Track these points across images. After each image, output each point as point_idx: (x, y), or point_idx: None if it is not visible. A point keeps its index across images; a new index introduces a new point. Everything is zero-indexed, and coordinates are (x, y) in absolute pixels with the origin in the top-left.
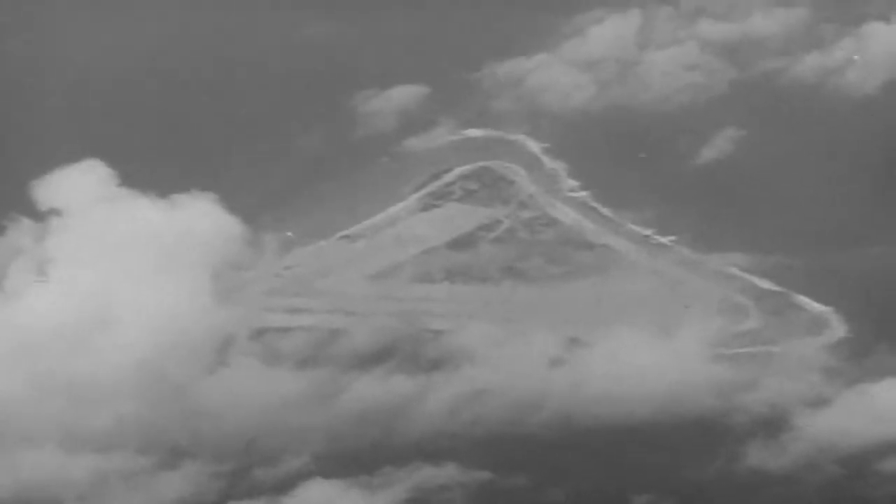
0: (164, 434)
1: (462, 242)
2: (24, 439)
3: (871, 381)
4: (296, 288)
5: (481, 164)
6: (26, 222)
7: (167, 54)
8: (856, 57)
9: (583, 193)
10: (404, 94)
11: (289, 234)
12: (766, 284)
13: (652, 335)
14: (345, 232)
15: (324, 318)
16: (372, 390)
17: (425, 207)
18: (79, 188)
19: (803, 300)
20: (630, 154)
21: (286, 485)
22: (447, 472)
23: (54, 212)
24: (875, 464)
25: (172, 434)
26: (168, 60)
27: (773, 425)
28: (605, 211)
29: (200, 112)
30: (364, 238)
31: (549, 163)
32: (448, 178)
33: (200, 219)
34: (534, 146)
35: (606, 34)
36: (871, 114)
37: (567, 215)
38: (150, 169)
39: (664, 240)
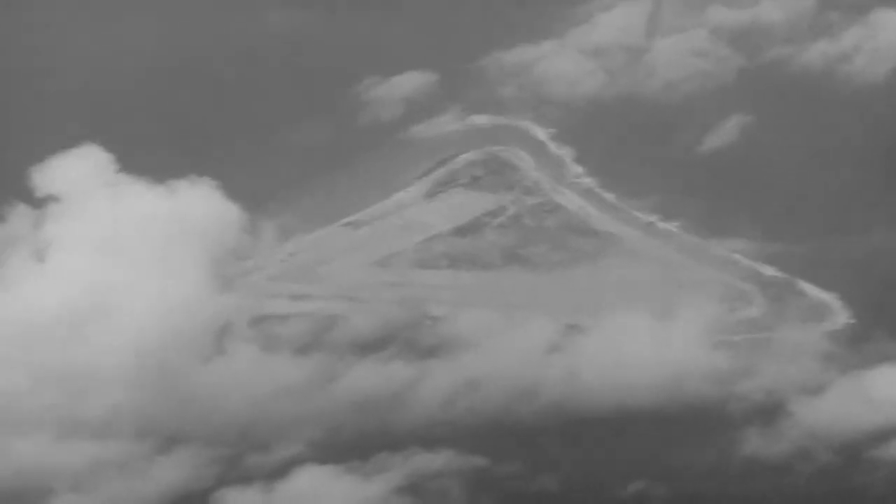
0: (161, 421)
1: (466, 229)
2: (19, 427)
3: (869, 367)
4: (299, 274)
5: (487, 150)
6: (24, 209)
7: (170, 41)
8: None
9: (588, 180)
10: (411, 81)
11: (288, 221)
12: (770, 271)
13: (651, 322)
14: (349, 219)
15: (325, 305)
16: (369, 377)
17: (430, 194)
18: (77, 174)
19: (807, 287)
20: (636, 141)
21: (280, 471)
22: (443, 459)
23: (52, 198)
24: (868, 451)
25: (169, 421)
26: (171, 47)
27: (769, 413)
28: (610, 197)
29: (203, 99)
30: (368, 225)
31: (555, 149)
32: (454, 164)
33: (199, 205)
34: (540, 133)
35: (615, 21)
36: (878, 101)
37: (572, 202)
38: (149, 155)
39: (668, 226)
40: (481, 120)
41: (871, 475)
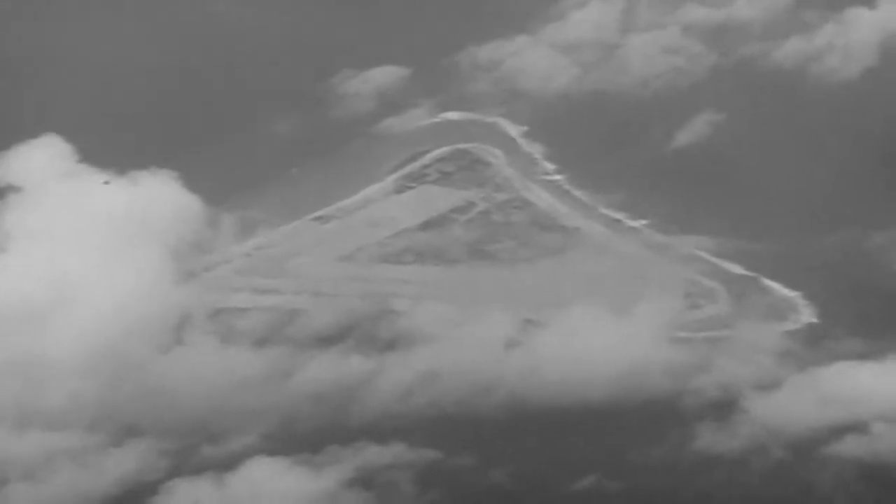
0: (117, 412)
1: (434, 224)
2: None
3: (825, 364)
4: (265, 268)
5: (459, 146)
6: None
7: (138, 32)
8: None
9: (558, 177)
10: (383, 76)
11: (254, 214)
12: (735, 269)
13: (609, 317)
14: (317, 213)
15: (289, 299)
16: (328, 370)
17: (400, 189)
18: (38, 164)
19: (772, 285)
20: (607, 137)
21: (231, 463)
22: (394, 452)
23: (12, 188)
24: (820, 448)
25: (125, 412)
26: (139, 38)
27: (723, 408)
28: (579, 194)
29: (174, 91)
30: (336, 219)
31: (526, 146)
32: (425, 160)
33: (160, 196)
34: (512, 129)
35: (589, 17)
36: (849, 100)
37: (541, 198)
38: (113, 146)
39: (635, 223)
40: (453, 115)
41: (823, 472)
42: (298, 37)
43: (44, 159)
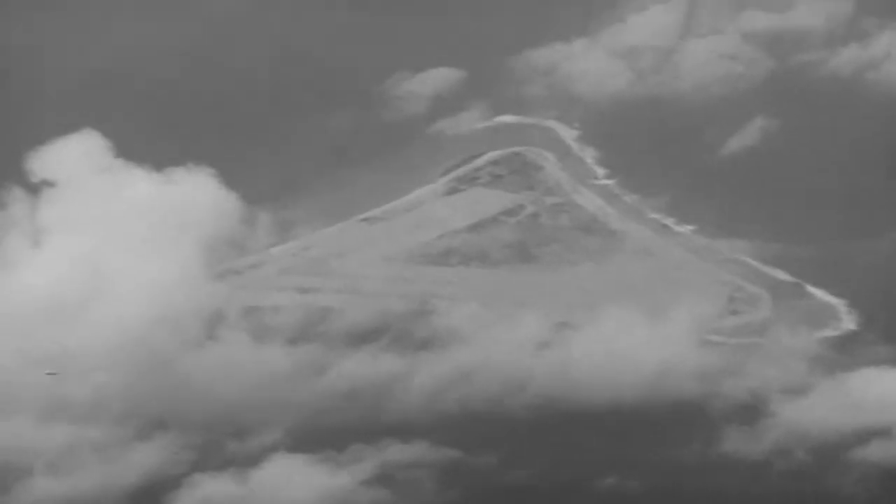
0: (145, 406)
1: (482, 226)
2: (4, 407)
3: (855, 370)
4: (311, 268)
5: (512, 149)
6: (21, 193)
7: (183, 29)
8: None
9: (609, 181)
10: (439, 78)
11: (299, 214)
12: (780, 274)
13: (643, 320)
14: (365, 214)
15: (328, 297)
16: (360, 368)
17: (451, 191)
18: (74, 159)
19: (815, 291)
20: (660, 143)
21: (255, 459)
22: (417, 450)
23: (49, 182)
24: (844, 453)
25: (154, 405)
26: (185, 35)
27: (751, 412)
28: (629, 199)
29: (231, 92)
30: (384, 220)
31: (578, 150)
32: (477, 162)
33: (196, 193)
34: (565, 133)
35: (648, 22)
36: None
37: (591, 202)
38: (153, 143)
39: (683, 229)
40: (508, 119)
41: (846, 476)
42: (355, 38)
43: (81, 154)
